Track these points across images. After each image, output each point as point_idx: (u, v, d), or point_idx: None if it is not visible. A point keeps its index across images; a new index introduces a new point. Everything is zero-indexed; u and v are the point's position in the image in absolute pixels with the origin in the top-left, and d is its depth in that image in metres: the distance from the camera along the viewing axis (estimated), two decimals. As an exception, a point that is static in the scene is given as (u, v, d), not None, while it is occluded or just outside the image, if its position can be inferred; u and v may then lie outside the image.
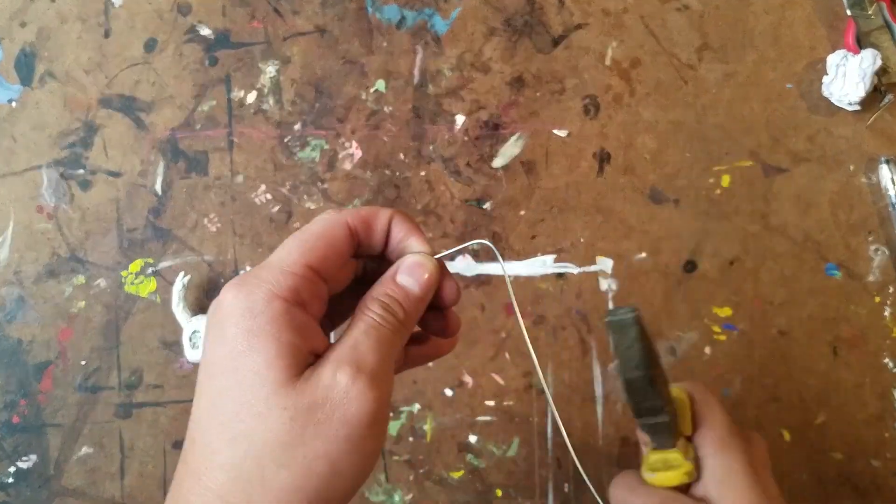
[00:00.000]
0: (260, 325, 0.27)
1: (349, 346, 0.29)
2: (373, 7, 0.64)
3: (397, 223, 0.33)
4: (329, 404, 0.27)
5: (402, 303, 0.31)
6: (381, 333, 0.29)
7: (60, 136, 0.63)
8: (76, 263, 0.62)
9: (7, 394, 0.61)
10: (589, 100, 0.63)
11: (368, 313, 0.30)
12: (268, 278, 0.28)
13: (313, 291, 0.29)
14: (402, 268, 0.32)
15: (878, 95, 0.62)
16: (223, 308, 0.28)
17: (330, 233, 0.30)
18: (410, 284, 0.31)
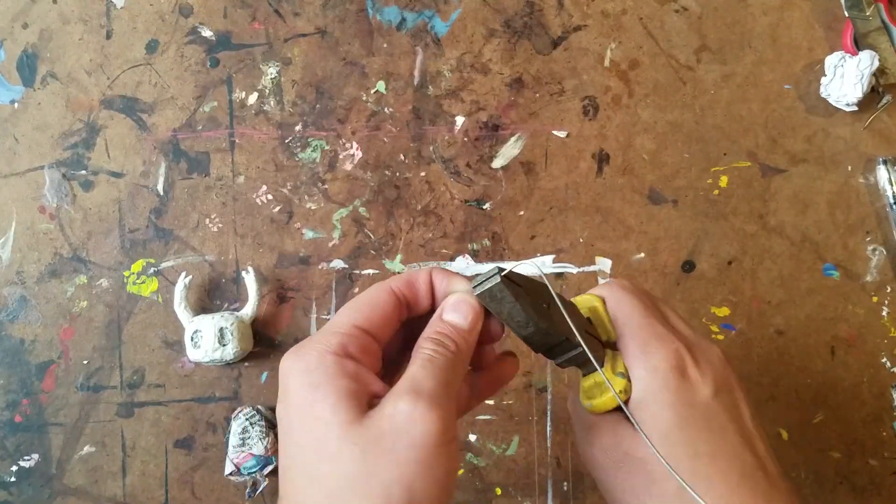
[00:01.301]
0: (317, 378, 0.30)
1: (407, 379, 0.30)
2: (373, 9, 0.64)
3: (437, 275, 0.35)
4: (395, 432, 0.28)
5: (452, 337, 0.32)
6: (435, 364, 0.31)
7: (62, 136, 0.63)
8: (78, 263, 0.62)
9: (9, 393, 0.61)
10: (588, 101, 0.63)
11: (423, 351, 0.32)
12: (319, 339, 0.31)
13: (363, 347, 0.32)
14: (446, 307, 0.34)
15: (876, 96, 0.62)
16: (283, 373, 0.31)
17: (375, 296, 0.33)
18: (457, 319, 0.33)
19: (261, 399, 0.61)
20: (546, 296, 0.35)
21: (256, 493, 0.58)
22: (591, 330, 0.36)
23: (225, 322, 0.58)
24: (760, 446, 0.35)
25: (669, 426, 0.33)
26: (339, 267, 0.62)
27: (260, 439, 0.57)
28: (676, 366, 0.34)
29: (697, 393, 0.34)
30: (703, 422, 0.34)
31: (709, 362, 0.35)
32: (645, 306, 0.37)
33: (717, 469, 0.33)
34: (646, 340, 0.35)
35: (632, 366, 0.35)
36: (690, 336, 0.37)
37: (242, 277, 0.61)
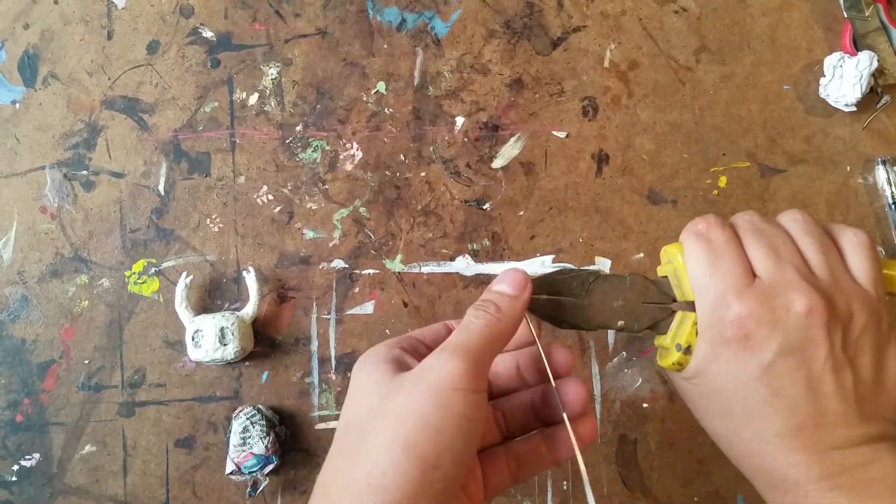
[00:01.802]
0: (371, 359, 0.34)
1: (447, 341, 0.33)
2: (373, 9, 0.64)
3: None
4: (419, 374, 0.31)
5: (495, 302, 0.34)
6: (471, 327, 0.33)
7: (63, 137, 0.63)
8: (79, 263, 0.62)
9: (10, 393, 0.62)
10: (587, 101, 0.63)
11: (465, 318, 0.34)
12: (380, 344, 0.35)
13: (413, 347, 0.36)
14: (496, 280, 0.35)
15: (875, 97, 0.62)
16: (353, 371, 0.35)
17: (431, 326, 0.38)
18: (503, 287, 0.35)
19: (261, 398, 0.62)
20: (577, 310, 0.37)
21: (257, 492, 0.58)
22: (654, 297, 0.37)
23: (226, 322, 0.58)
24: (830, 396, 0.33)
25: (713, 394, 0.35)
26: (340, 267, 0.62)
27: (261, 438, 0.57)
28: (733, 337, 0.33)
29: (752, 360, 0.33)
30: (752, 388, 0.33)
31: (786, 311, 0.33)
32: (710, 261, 0.35)
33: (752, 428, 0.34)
34: (706, 308, 0.34)
35: (699, 335, 0.35)
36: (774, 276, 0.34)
37: (243, 277, 0.62)
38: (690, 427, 0.61)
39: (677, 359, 0.35)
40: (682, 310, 0.36)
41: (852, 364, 0.33)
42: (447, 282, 0.62)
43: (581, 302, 0.36)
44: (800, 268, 0.34)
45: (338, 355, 0.62)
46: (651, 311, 0.37)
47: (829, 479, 0.32)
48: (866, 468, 0.32)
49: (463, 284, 0.62)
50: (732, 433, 0.35)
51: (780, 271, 0.34)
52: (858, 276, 0.35)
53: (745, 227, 0.36)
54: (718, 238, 0.35)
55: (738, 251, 0.35)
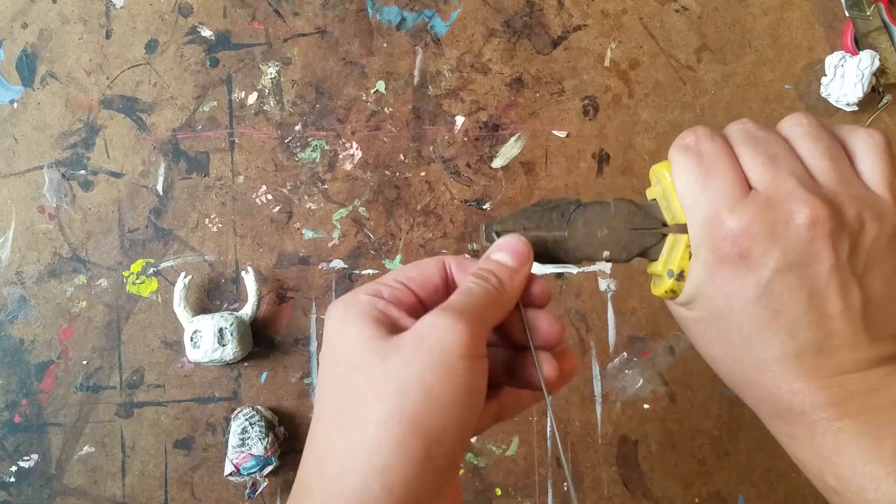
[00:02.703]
0: (350, 311, 0.30)
1: (447, 302, 0.30)
2: (373, 8, 0.64)
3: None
4: (417, 340, 0.28)
5: (496, 273, 0.32)
6: (473, 292, 0.31)
7: (62, 136, 0.63)
8: (77, 263, 0.62)
9: (9, 393, 0.61)
10: (588, 101, 0.63)
11: (466, 282, 0.31)
12: (356, 290, 0.32)
13: (399, 297, 0.32)
14: (495, 246, 0.33)
15: (877, 96, 0.62)
16: (327, 316, 0.32)
17: (423, 261, 0.34)
18: (504, 258, 0.33)
19: (260, 399, 0.61)
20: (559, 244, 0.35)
21: (256, 493, 0.58)
22: (642, 223, 0.34)
23: (224, 322, 0.58)
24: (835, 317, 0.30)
25: (710, 319, 0.32)
26: (339, 267, 0.62)
27: (259, 440, 0.57)
28: (727, 255, 0.30)
29: (749, 280, 0.30)
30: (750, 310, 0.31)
31: (785, 224, 0.30)
32: (700, 174, 0.32)
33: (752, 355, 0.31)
34: (698, 227, 0.32)
35: (692, 256, 0.32)
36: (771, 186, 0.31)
37: (242, 277, 0.61)
38: (691, 428, 0.61)
39: (670, 286, 0.33)
40: (674, 233, 0.34)
41: (861, 280, 0.30)
42: (447, 282, 0.62)
43: (562, 234, 0.34)
44: (801, 176, 0.30)
45: (337, 356, 0.61)
46: (639, 237, 0.34)
47: (837, 406, 0.30)
48: (878, 393, 0.30)
49: (463, 284, 0.62)
50: (732, 360, 0.32)
51: (778, 181, 0.30)
52: (871, 182, 0.31)
53: (738, 136, 0.32)
54: (708, 150, 0.32)
55: (730, 162, 0.31)
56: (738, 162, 0.32)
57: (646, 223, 0.34)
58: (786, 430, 0.32)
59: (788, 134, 0.32)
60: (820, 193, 0.30)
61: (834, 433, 0.30)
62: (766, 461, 0.60)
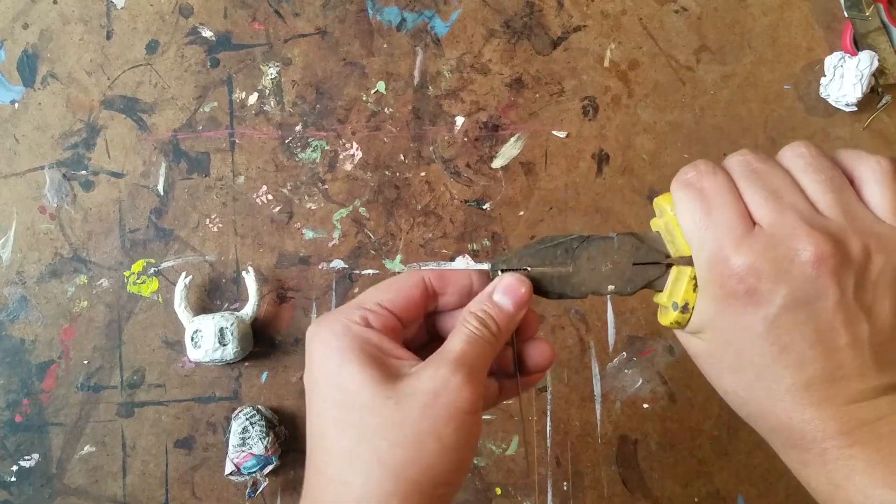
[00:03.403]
0: (344, 344, 0.31)
1: (450, 350, 0.32)
2: (373, 9, 0.64)
3: (476, 278, 0.35)
4: (432, 392, 0.30)
5: (496, 318, 0.33)
6: (478, 343, 0.32)
7: (63, 136, 0.63)
8: (79, 263, 0.62)
9: (10, 393, 0.61)
10: (588, 101, 0.63)
11: (467, 325, 0.33)
12: (343, 311, 0.33)
13: (384, 324, 0.33)
14: (498, 287, 0.34)
15: (876, 97, 0.62)
16: (309, 340, 0.32)
17: (404, 280, 0.34)
18: (505, 303, 0.34)
19: (261, 399, 0.61)
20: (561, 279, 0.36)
21: (257, 492, 0.58)
22: (645, 257, 0.35)
23: (225, 322, 0.58)
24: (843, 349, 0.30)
25: (720, 351, 0.33)
26: (339, 267, 0.62)
27: (260, 439, 0.57)
28: (734, 292, 0.30)
29: (756, 316, 0.30)
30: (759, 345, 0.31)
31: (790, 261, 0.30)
32: (703, 211, 0.31)
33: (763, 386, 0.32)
34: (703, 264, 0.32)
35: (699, 290, 0.33)
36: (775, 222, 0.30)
37: (242, 277, 0.62)
38: (691, 427, 0.61)
39: (675, 318, 0.34)
40: (678, 265, 0.34)
41: (869, 311, 0.30)
42: (447, 282, 0.62)
43: (567, 270, 0.35)
44: (803, 210, 0.30)
45: (337, 355, 0.62)
46: (643, 270, 0.35)
47: (847, 434, 0.30)
48: (886, 420, 0.30)
49: (463, 284, 0.62)
50: (744, 391, 0.33)
51: (782, 216, 0.30)
52: (878, 211, 0.31)
53: (739, 169, 0.33)
54: (710, 185, 0.32)
55: (733, 198, 0.32)
56: (741, 197, 0.32)
57: (649, 256, 0.35)
58: (798, 458, 0.32)
59: (790, 165, 0.33)
60: (824, 228, 0.30)
61: (845, 460, 0.30)
62: (766, 461, 0.60)
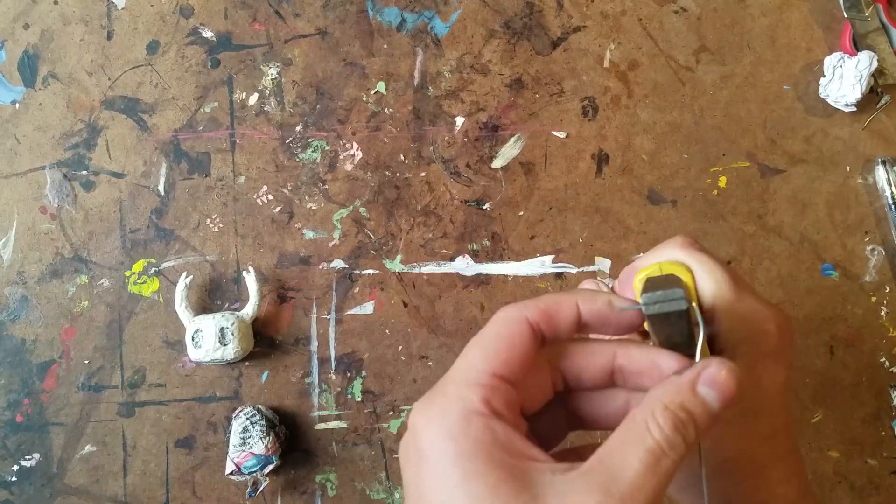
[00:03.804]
0: (467, 448, 0.24)
1: (617, 474, 0.23)
2: (373, 10, 0.64)
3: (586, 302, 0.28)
4: None
5: (697, 422, 0.24)
6: (664, 466, 0.23)
7: (63, 137, 0.63)
8: (79, 263, 0.62)
9: (10, 393, 0.62)
10: (587, 101, 0.63)
11: (654, 430, 0.23)
12: (457, 392, 0.25)
13: (506, 401, 0.25)
14: (704, 375, 0.25)
15: (875, 97, 0.62)
16: (417, 432, 0.25)
17: (511, 332, 0.27)
18: (712, 399, 0.24)
19: (261, 398, 0.62)
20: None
21: (257, 492, 0.58)
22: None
23: (226, 322, 0.58)
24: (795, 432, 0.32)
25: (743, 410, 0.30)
26: (340, 267, 0.62)
27: (260, 438, 0.57)
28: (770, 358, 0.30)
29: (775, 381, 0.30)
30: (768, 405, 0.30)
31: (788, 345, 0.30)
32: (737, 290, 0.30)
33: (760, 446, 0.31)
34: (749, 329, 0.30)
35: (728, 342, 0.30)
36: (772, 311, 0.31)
37: (243, 277, 0.62)
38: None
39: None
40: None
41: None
42: (447, 282, 0.62)
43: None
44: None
45: (338, 355, 0.62)
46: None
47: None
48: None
49: (463, 284, 0.62)
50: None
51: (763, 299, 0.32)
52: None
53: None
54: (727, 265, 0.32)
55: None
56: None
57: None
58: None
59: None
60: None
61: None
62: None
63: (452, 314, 0.62)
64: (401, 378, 0.62)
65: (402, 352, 0.62)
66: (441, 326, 0.62)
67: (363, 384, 0.62)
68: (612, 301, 0.27)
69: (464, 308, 0.62)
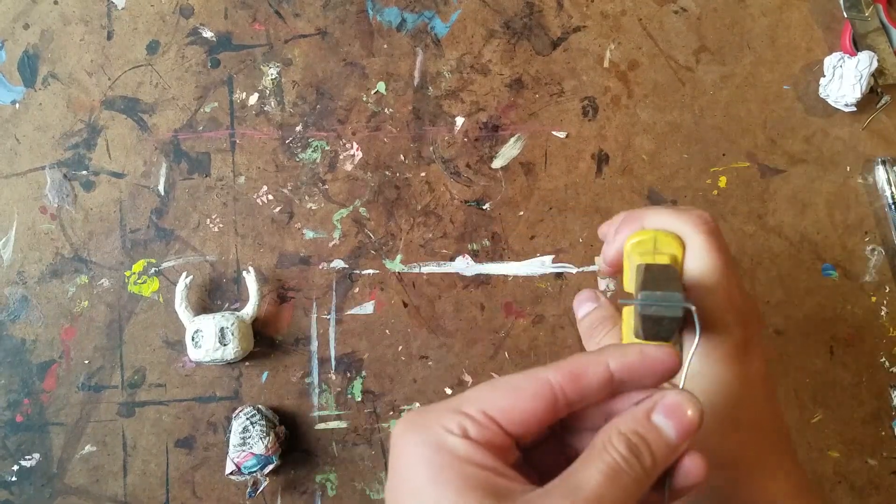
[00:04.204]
0: (436, 459, 0.25)
1: (579, 485, 0.24)
2: (373, 10, 0.64)
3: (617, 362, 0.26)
4: None
5: (652, 447, 0.25)
6: (621, 479, 0.24)
7: (63, 137, 0.63)
8: (79, 263, 0.62)
9: (10, 393, 0.62)
10: (587, 101, 0.63)
11: (610, 451, 0.25)
12: (440, 415, 0.26)
13: (490, 440, 0.25)
14: (660, 406, 0.26)
15: (875, 97, 0.63)
16: (396, 446, 0.26)
17: (525, 386, 0.26)
18: (667, 429, 0.25)
19: (261, 398, 0.62)
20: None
21: (257, 492, 0.58)
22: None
23: (226, 322, 0.58)
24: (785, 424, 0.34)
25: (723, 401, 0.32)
26: (340, 267, 0.62)
27: (261, 438, 0.57)
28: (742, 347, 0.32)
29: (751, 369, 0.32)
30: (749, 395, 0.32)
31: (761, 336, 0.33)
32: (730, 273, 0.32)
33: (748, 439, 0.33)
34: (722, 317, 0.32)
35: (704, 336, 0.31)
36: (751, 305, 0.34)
37: (243, 277, 0.62)
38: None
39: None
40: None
41: None
42: (447, 282, 0.62)
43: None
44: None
45: (338, 355, 0.62)
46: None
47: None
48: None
49: (463, 284, 0.62)
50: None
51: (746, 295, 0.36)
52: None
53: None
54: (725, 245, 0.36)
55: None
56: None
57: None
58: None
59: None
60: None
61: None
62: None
63: (452, 314, 0.62)
64: (401, 378, 0.62)
65: (402, 352, 0.62)
66: (441, 326, 0.62)
67: (363, 384, 0.62)
68: (644, 350, 0.26)
69: (464, 308, 0.62)
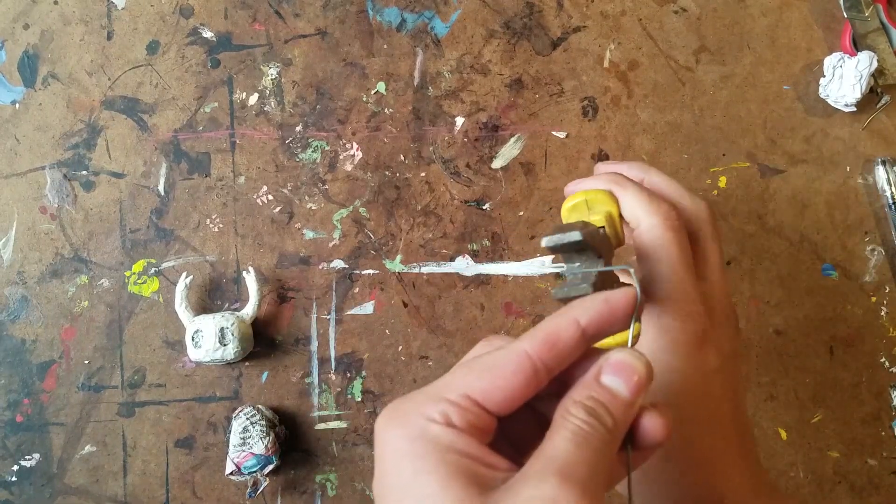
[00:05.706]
0: (420, 448, 0.25)
1: (551, 457, 0.24)
2: (373, 10, 0.64)
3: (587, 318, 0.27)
4: None
5: (610, 408, 0.26)
6: (589, 442, 0.25)
7: (63, 137, 0.63)
8: (79, 263, 0.62)
9: (10, 393, 0.62)
10: (587, 101, 0.64)
11: (571, 419, 0.25)
12: (421, 403, 0.26)
13: (474, 422, 0.26)
14: (605, 367, 0.27)
15: (875, 97, 0.63)
16: (379, 438, 0.26)
17: (501, 361, 0.26)
18: (618, 387, 0.26)
19: (261, 398, 0.62)
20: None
21: (257, 492, 0.58)
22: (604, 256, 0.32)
23: (226, 322, 0.58)
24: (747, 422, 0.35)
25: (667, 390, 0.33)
26: (340, 267, 0.62)
27: (260, 438, 0.57)
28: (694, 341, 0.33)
29: (705, 363, 0.33)
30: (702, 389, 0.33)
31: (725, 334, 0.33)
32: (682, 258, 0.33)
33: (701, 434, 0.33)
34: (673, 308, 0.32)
35: (647, 321, 0.33)
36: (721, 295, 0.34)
37: (243, 277, 0.62)
38: (690, 427, 0.61)
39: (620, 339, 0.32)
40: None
41: None
42: (447, 282, 0.62)
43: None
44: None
45: (338, 355, 0.62)
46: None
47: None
48: None
49: (463, 285, 0.62)
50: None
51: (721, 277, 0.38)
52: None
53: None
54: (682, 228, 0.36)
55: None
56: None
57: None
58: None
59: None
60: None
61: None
62: (766, 461, 0.60)
63: (452, 314, 0.62)
64: (401, 378, 0.62)
65: (402, 352, 0.62)
66: (441, 326, 0.62)
67: (363, 384, 0.62)
68: (607, 296, 0.27)
69: (464, 308, 0.62)
